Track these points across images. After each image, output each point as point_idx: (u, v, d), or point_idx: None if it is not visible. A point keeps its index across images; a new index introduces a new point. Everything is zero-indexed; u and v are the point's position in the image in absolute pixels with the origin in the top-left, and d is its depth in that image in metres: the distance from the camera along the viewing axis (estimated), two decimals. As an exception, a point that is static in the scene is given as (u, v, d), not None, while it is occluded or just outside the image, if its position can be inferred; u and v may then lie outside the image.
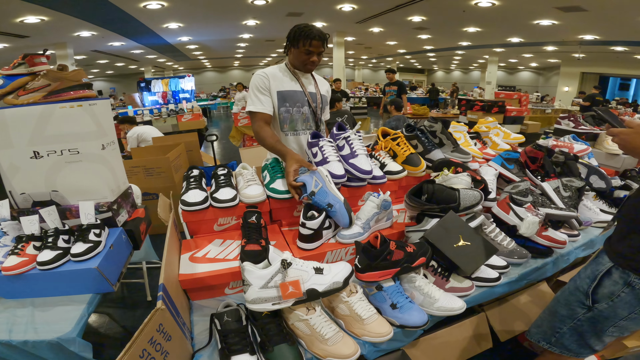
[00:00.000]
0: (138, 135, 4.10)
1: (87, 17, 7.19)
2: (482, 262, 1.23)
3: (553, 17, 7.29)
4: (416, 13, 7.91)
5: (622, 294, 1.03)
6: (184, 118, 6.65)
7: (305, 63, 1.72)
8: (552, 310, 1.24)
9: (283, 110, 1.76)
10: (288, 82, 1.75)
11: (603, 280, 1.07)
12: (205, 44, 12.65)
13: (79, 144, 1.25)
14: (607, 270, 1.06)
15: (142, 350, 0.70)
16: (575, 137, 2.03)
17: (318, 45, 1.67)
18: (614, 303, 1.05)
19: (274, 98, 1.72)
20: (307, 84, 1.80)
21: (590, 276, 1.11)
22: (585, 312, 1.12)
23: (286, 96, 1.74)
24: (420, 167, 1.56)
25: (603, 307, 1.07)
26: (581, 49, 10.39)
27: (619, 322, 1.07)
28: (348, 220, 1.26)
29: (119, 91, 17.76)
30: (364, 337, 0.99)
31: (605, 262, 1.08)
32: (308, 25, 1.66)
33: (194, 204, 1.24)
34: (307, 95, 1.79)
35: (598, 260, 1.12)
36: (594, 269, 1.11)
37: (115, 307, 2.33)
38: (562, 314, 1.18)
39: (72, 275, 1.12)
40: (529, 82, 19.23)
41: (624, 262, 1.02)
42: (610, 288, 1.05)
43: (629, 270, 1.01)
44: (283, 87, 1.73)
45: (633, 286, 1.00)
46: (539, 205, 1.49)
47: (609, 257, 1.08)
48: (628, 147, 0.98)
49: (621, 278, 1.03)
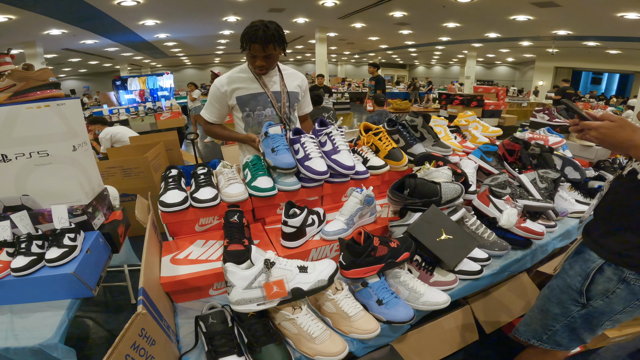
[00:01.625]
0: (111, 135, 3.95)
1: (57, 15, 6.91)
2: (464, 255, 1.25)
3: (529, 13, 7.49)
4: (397, 8, 7.98)
5: (617, 289, 1.03)
6: (162, 116, 6.50)
7: (253, 66, 1.66)
8: (543, 309, 1.23)
9: (244, 115, 1.75)
10: (248, 85, 1.71)
11: (595, 278, 1.07)
12: (184, 41, 12.37)
13: (48, 146, 1.20)
14: (599, 267, 1.06)
15: (125, 356, 0.68)
16: (550, 130, 2.09)
17: (259, 50, 1.56)
18: (609, 299, 1.05)
19: (233, 104, 1.73)
20: (270, 84, 1.74)
21: (582, 274, 1.10)
22: (580, 309, 1.12)
23: (245, 101, 1.71)
24: (402, 161, 1.57)
25: (598, 303, 1.07)
26: (555, 44, 10.74)
27: (615, 316, 1.08)
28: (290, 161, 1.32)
29: (93, 90, 17.14)
30: (351, 334, 0.99)
31: (594, 259, 1.07)
32: (258, 25, 1.54)
33: (173, 205, 1.21)
34: (270, 96, 1.74)
35: (585, 257, 1.11)
36: (583, 266, 1.10)
37: (99, 312, 2.28)
38: (555, 312, 1.18)
39: (49, 281, 1.08)
40: (506, 76, 19.73)
41: (618, 259, 1.02)
42: (604, 285, 1.05)
43: (625, 267, 1.01)
44: (242, 92, 1.70)
45: (628, 282, 1.01)
46: (517, 197, 1.53)
47: (598, 254, 1.07)
48: (610, 141, 0.93)
49: (615, 274, 1.03)
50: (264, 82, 1.73)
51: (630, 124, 0.92)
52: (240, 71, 1.73)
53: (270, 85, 1.75)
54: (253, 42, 1.54)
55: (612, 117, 0.94)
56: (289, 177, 1.37)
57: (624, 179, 1.04)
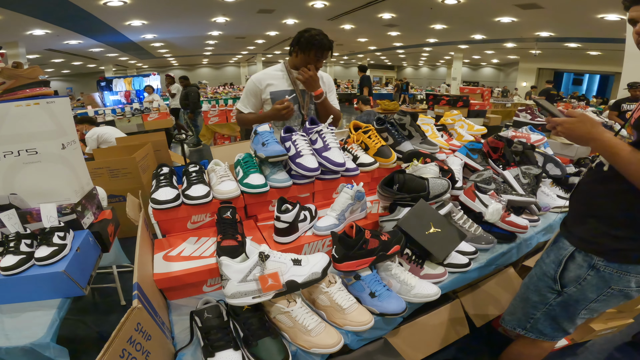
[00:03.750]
0: (98, 136, 3.89)
1: (40, 15, 6.74)
2: (452, 248, 1.29)
3: (512, 14, 7.68)
4: (386, 10, 8.06)
5: (588, 276, 1.07)
6: (150, 117, 6.40)
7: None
8: (524, 297, 1.27)
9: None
10: (281, 83, 1.91)
11: (568, 265, 1.11)
12: (172, 42, 12.21)
13: (37, 144, 1.19)
14: (570, 254, 1.11)
15: (122, 350, 0.68)
16: (532, 128, 2.16)
17: (327, 54, 1.83)
18: (581, 286, 1.09)
19: (266, 98, 1.91)
20: (299, 83, 1.91)
21: (555, 261, 1.15)
22: (556, 296, 1.16)
23: (277, 97, 1.88)
24: (391, 158, 1.61)
25: (572, 290, 1.11)
26: (538, 45, 11.02)
27: (590, 305, 1.11)
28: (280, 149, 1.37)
29: (76, 91, 16.73)
30: (346, 326, 1.01)
31: (566, 246, 1.12)
32: (320, 34, 1.79)
33: (165, 202, 1.21)
34: (298, 94, 1.92)
35: (559, 245, 1.16)
36: (557, 254, 1.15)
37: (89, 314, 2.25)
38: (534, 300, 1.22)
39: (39, 280, 1.07)
40: (491, 77, 20.12)
41: (586, 245, 1.07)
42: (576, 272, 1.09)
43: (592, 254, 1.05)
44: (274, 88, 1.90)
45: (598, 269, 1.05)
46: (501, 192, 1.58)
47: (569, 242, 1.12)
48: (574, 135, 1.01)
49: (585, 261, 1.07)
50: (294, 82, 1.91)
51: (590, 119, 0.99)
52: (276, 69, 1.95)
53: (299, 84, 1.91)
54: (324, 50, 1.79)
55: (575, 113, 1.01)
56: (281, 173, 1.39)
57: (592, 171, 1.11)
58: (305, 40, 1.77)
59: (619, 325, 1.91)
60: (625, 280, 1.03)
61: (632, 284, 1.04)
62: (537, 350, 1.31)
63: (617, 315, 1.89)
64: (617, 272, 1.02)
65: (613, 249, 1.02)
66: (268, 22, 9.59)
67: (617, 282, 1.04)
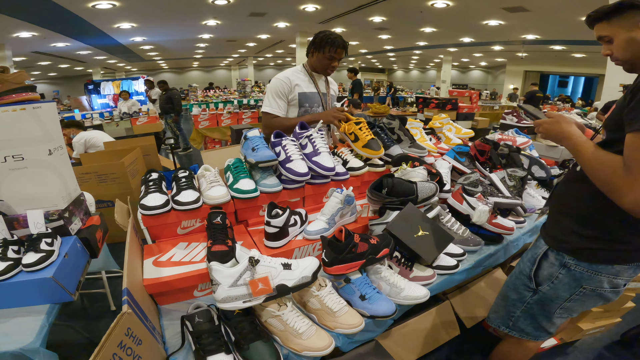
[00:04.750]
0: (85, 140, 3.81)
1: (27, 18, 6.63)
2: (440, 250, 1.31)
3: (500, 18, 7.84)
4: (377, 13, 8.14)
5: (560, 275, 1.09)
6: (139, 121, 6.33)
7: (326, 67, 1.95)
8: (504, 295, 1.30)
9: (302, 111, 1.97)
10: (307, 85, 1.97)
11: (542, 263, 1.15)
12: (162, 45, 12.12)
13: (23, 150, 1.17)
14: (544, 253, 1.14)
15: (113, 355, 0.68)
16: (517, 131, 2.21)
17: (341, 53, 1.90)
18: (554, 285, 1.11)
19: (294, 98, 1.93)
20: (321, 86, 2.03)
21: (531, 259, 1.18)
22: (532, 294, 1.18)
23: (303, 98, 1.95)
24: (380, 151, 1.61)
25: (546, 289, 1.14)
26: (524, 48, 11.24)
27: (564, 304, 1.13)
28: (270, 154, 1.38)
29: (63, 94, 16.46)
30: (337, 329, 1.02)
31: (542, 245, 1.16)
32: (334, 33, 1.87)
33: (155, 208, 1.21)
34: (321, 96, 2.02)
35: (537, 244, 1.20)
36: (533, 252, 1.19)
37: (79, 319, 2.23)
38: (513, 297, 1.25)
39: (27, 285, 1.06)
40: (480, 80, 20.43)
41: (558, 244, 1.10)
42: (549, 270, 1.12)
43: (563, 252, 1.08)
44: (301, 89, 1.95)
45: (568, 267, 1.07)
46: (488, 194, 1.61)
47: (545, 241, 1.15)
48: (550, 134, 1.06)
49: (556, 260, 1.10)
50: (316, 84, 2.00)
51: (565, 119, 1.04)
52: (297, 72, 1.99)
53: (320, 86, 2.02)
54: (338, 47, 1.87)
55: (552, 115, 1.07)
56: (271, 178, 1.39)
57: (570, 171, 1.15)
58: (319, 39, 1.88)
59: (606, 324, 1.95)
60: (597, 280, 1.05)
61: (604, 284, 1.05)
62: (523, 351, 1.33)
63: (604, 314, 1.93)
64: (588, 271, 1.04)
65: (581, 248, 1.04)
66: (259, 25, 9.60)
67: (588, 281, 1.06)
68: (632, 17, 0.93)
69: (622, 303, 1.92)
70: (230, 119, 6.63)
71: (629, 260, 1.02)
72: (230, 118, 6.64)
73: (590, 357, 1.89)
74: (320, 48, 1.88)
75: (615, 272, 1.03)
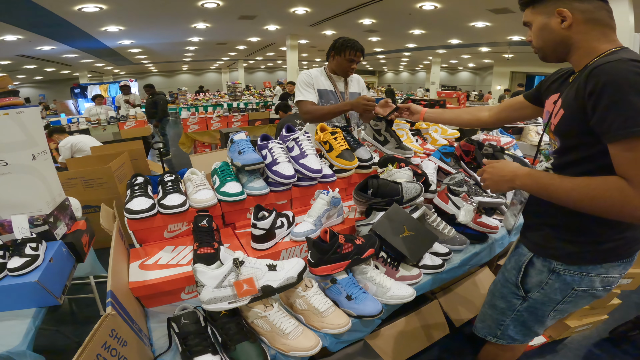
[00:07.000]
0: (72, 145, 3.77)
1: (12, 21, 6.53)
2: (425, 250, 1.33)
3: (486, 19, 7.99)
4: (366, 16, 8.21)
5: (549, 281, 1.07)
6: (126, 125, 6.26)
7: (346, 69, 2.15)
8: (492, 304, 1.27)
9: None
10: (324, 83, 2.17)
11: (528, 270, 1.12)
12: (150, 48, 12.02)
13: (6, 155, 1.17)
14: (529, 260, 1.12)
15: (97, 355, 0.69)
16: (502, 131, 2.26)
17: (360, 56, 2.10)
18: (545, 291, 1.09)
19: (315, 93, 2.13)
20: (339, 86, 2.21)
21: (515, 267, 1.16)
22: (522, 302, 1.16)
23: (322, 94, 2.15)
24: (353, 162, 1.60)
25: (536, 295, 1.11)
26: (510, 49, 11.45)
27: (557, 307, 1.11)
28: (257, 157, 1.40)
29: (49, 98, 16.15)
30: (324, 329, 1.03)
31: (525, 252, 1.14)
32: (352, 39, 2.08)
33: (140, 212, 1.21)
34: (338, 95, 2.20)
35: (519, 252, 1.17)
36: (517, 259, 1.17)
37: (67, 324, 2.22)
38: (501, 306, 1.22)
39: (12, 290, 1.07)
40: (468, 81, 20.72)
41: (543, 251, 1.08)
42: (537, 277, 1.10)
43: (550, 258, 1.06)
44: (320, 86, 2.15)
45: (558, 272, 1.05)
46: (473, 194, 1.64)
47: (527, 248, 1.14)
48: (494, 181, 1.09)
49: (544, 266, 1.08)
50: (334, 84, 2.19)
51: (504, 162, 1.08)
52: (319, 71, 2.20)
53: (339, 86, 2.21)
54: (357, 51, 2.08)
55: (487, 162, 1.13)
56: (258, 181, 1.40)
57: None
58: (339, 44, 2.07)
59: (594, 321, 1.97)
60: (588, 281, 1.04)
61: (596, 284, 1.04)
62: (510, 352, 1.33)
63: (591, 312, 1.95)
64: (578, 274, 1.03)
65: (569, 253, 1.03)
66: (249, 28, 9.60)
67: (580, 283, 1.04)
68: (552, 5, 0.94)
69: (608, 300, 1.94)
70: (220, 122, 6.61)
71: (617, 257, 1.01)
72: (220, 122, 6.61)
73: (580, 354, 1.91)
74: (341, 52, 2.08)
75: (605, 270, 1.02)
